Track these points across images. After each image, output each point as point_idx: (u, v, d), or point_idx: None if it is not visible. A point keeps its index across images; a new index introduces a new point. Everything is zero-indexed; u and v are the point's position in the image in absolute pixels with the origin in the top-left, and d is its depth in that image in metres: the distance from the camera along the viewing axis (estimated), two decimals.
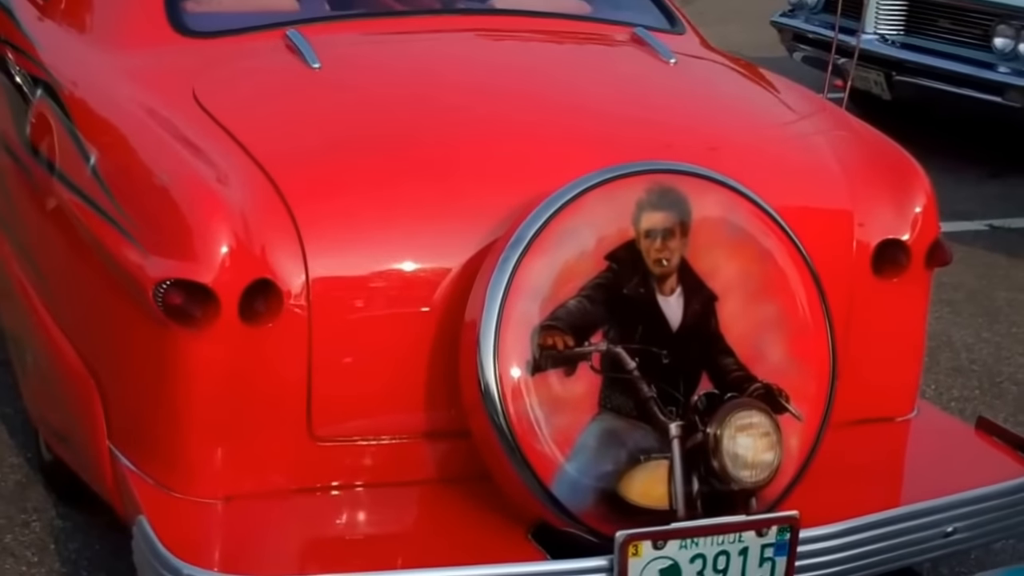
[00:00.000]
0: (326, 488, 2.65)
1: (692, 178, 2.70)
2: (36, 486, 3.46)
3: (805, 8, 7.68)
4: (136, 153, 2.93)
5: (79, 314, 2.98)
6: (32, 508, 3.38)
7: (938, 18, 6.97)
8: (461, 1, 3.89)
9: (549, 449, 2.50)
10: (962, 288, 5.22)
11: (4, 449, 3.66)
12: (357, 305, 2.64)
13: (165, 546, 2.38)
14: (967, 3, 6.80)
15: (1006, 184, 6.71)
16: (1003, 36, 6.57)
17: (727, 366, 2.63)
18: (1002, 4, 6.60)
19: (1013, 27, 6.53)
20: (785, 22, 7.81)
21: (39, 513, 3.36)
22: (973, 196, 6.46)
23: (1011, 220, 6.13)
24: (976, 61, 6.71)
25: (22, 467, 3.56)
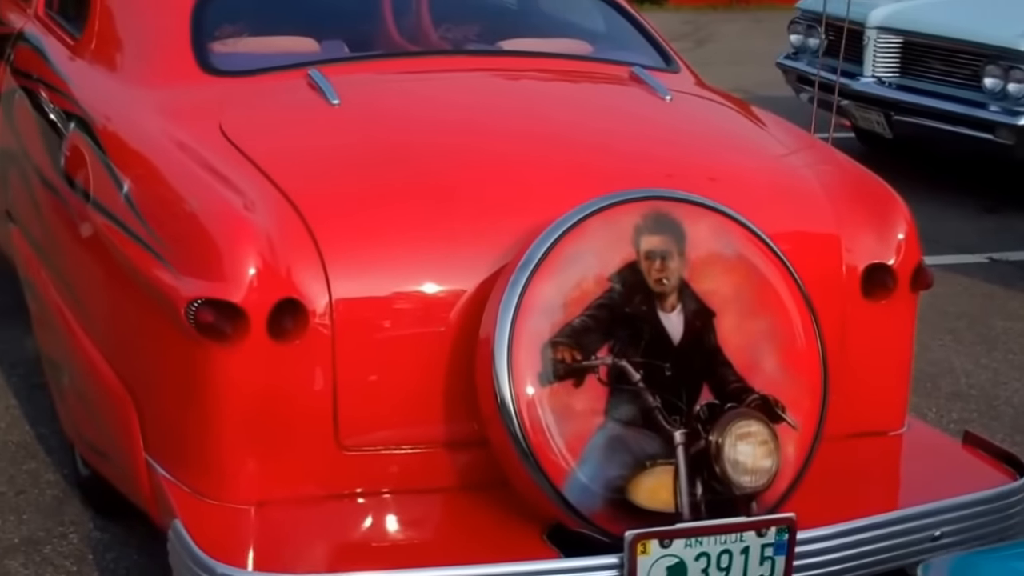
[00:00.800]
0: (353, 495, 2.84)
1: (686, 204, 2.91)
2: (73, 500, 3.65)
3: (807, 51, 7.93)
4: (167, 182, 3.15)
5: (115, 334, 3.18)
6: (69, 521, 3.57)
7: (931, 60, 7.22)
8: (470, 43, 4.11)
9: (561, 456, 2.69)
10: (963, 317, 5.43)
11: (41, 466, 3.87)
12: (378, 323, 2.84)
13: (200, 547, 2.56)
14: (957, 45, 7.05)
15: (1004, 218, 6.92)
16: (992, 76, 6.81)
17: (726, 378, 2.83)
18: (990, 45, 6.84)
19: (1001, 67, 6.77)
20: (789, 64, 8.07)
21: (76, 526, 3.55)
22: (973, 230, 6.68)
23: (1009, 253, 6.35)
24: (968, 100, 6.95)
25: (59, 483, 3.77)
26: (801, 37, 7.97)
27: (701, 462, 2.74)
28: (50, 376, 3.80)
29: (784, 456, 2.80)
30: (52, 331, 3.66)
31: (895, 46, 7.37)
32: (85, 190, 3.35)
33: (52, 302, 3.62)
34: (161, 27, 3.69)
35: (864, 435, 3.24)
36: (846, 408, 3.08)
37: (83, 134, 3.50)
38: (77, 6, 4.16)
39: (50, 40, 4.19)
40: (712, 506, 2.73)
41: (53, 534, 3.51)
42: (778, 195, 3.29)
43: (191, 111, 3.36)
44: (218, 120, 3.24)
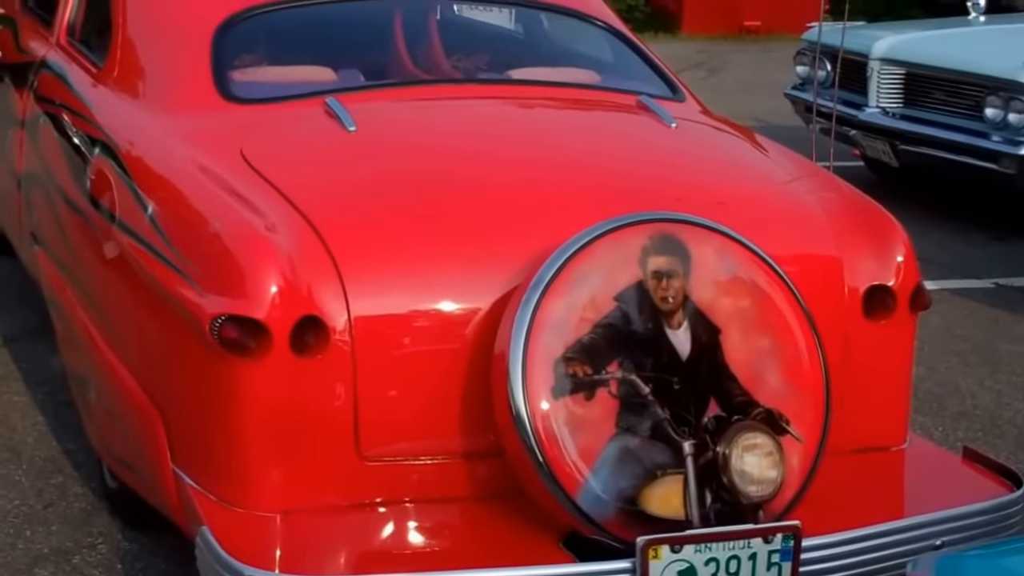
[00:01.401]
0: (373, 503, 2.97)
1: (692, 227, 3.06)
2: (101, 513, 3.78)
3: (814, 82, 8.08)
4: (191, 204, 3.30)
5: (141, 350, 3.33)
6: (98, 532, 3.70)
7: (933, 91, 7.37)
8: (481, 72, 4.26)
9: (574, 466, 2.83)
10: (968, 340, 5.57)
11: (68, 480, 4.00)
12: (396, 339, 2.98)
13: (227, 551, 2.69)
14: (959, 76, 7.20)
15: (1009, 245, 7.06)
16: (993, 107, 6.95)
17: (732, 391, 2.96)
18: (991, 77, 6.99)
19: (1002, 98, 6.92)
20: (796, 95, 8.23)
21: (105, 536, 3.68)
22: (980, 256, 6.82)
23: (1014, 279, 6.49)
24: (970, 130, 7.09)
25: (86, 496, 3.90)
26: (807, 68, 8.13)
27: (709, 472, 2.87)
28: (76, 392, 3.94)
29: (789, 467, 2.92)
30: (78, 348, 3.80)
31: (898, 77, 7.53)
32: (111, 212, 3.50)
33: (78, 320, 3.77)
34: (183, 57, 3.85)
35: (867, 450, 3.36)
36: (849, 423, 3.21)
37: (108, 159, 3.65)
38: (99, 36, 4.33)
39: (73, 68, 4.36)
40: (720, 514, 2.86)
41: (82, 544, 3.64)
42: (781, 219, 3.43)
43: (213, 137, 3.51)
44: (239, 146, 3.39)
